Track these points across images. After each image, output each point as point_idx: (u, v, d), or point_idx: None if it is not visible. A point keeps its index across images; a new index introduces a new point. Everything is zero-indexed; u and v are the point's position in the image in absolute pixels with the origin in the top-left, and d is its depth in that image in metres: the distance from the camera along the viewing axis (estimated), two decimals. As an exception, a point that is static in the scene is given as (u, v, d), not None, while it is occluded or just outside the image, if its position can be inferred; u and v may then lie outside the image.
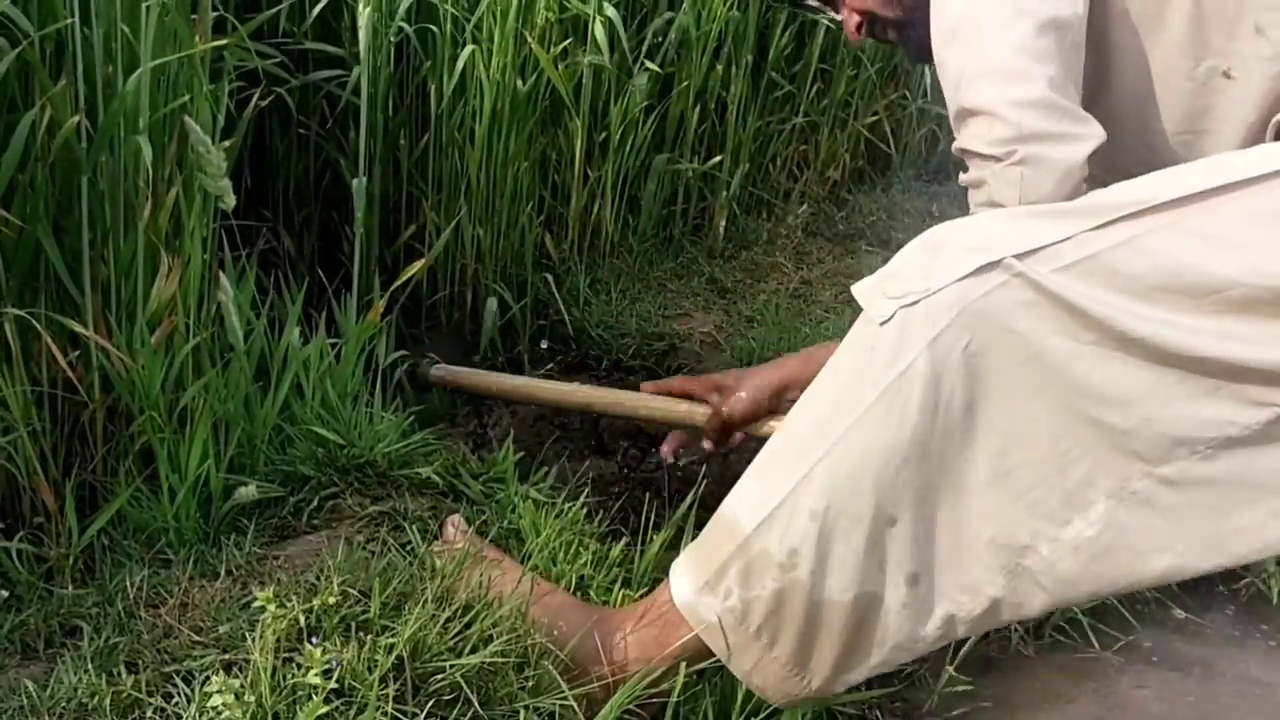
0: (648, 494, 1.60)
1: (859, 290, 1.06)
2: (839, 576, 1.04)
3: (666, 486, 1.66)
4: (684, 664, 1.13)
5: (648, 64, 2.24)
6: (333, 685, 0.96)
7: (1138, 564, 0.99)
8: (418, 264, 1.76)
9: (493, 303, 2.06)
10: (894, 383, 1.00)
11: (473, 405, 1.90)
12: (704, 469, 1.72)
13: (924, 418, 0.99)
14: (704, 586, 1.12)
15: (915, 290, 1.00)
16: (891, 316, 1.01)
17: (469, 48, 1.92)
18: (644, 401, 1.51)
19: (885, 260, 1.08)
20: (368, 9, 1.47)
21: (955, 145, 1.17)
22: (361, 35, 1.51)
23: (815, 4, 1.55)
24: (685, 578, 1.14)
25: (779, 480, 1.07)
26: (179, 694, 1.00)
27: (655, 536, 1.40)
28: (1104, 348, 0.94)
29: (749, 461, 1.14)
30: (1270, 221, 0.94)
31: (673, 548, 1.39)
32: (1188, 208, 0.96)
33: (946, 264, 1.00)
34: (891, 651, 1.08)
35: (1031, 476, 0.99)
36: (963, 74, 1.13)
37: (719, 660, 1.12)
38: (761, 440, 1.23)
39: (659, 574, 1.39)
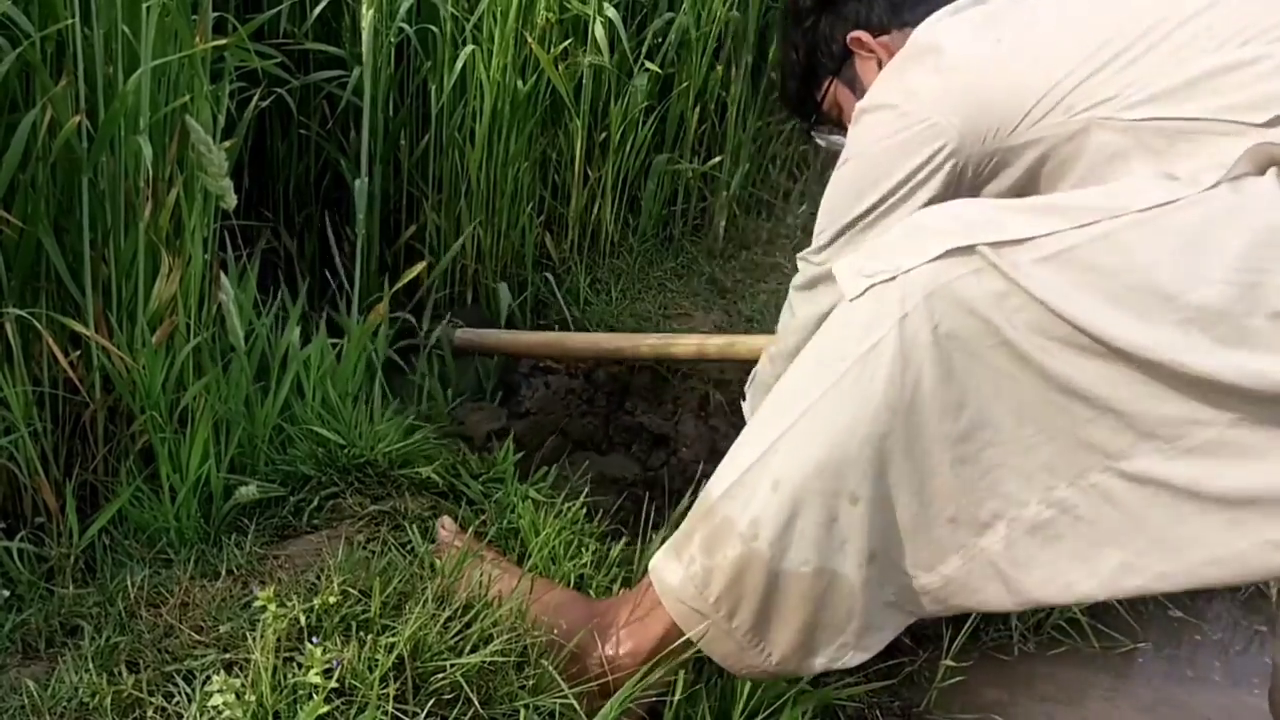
0: (648, 493, 1.61)
1: (838, 269, 1.07)
2: (799, 550, 1.04)
3: (667, 485, 1.66)
4: (675, 652, 1.13)
5: (648, 64, 2.24)
6: (333, 684, 0.96)
7: (1091, 555, 0.99)
8: (418, 266, 1.77)
9: (504, 288, 2.06)
10: (862, 358, 1.01)
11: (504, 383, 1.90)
12: (701, 468, 1.72)
13: (889, 395, 1.00)
14: (671, 552, 1.13)
15: (889, 268, 1.01)
16: (863, 293, 1.02)
17: (469, 48, 1.92)
18: (674, 341, 1.51)
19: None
20: (370, 10, 1.47)
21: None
22: (364, 36, 1.51)
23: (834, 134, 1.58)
24: (662, 550, 1.16)
25: (748, 450, 1.08)
26: (180, 693, 1.00)
27: (655, 536, 1.40)
28: (1072, 344, 0.95)
29: None
30: (1244, 222, 0.93)
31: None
32: (1167, 206, 0.96)
33: (922, 245, 1.01)
34: (859, 634, 1.08)
35: (994, 458, 1.00)
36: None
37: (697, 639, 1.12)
38: None
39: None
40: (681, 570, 1.11)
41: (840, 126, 1.53)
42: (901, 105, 1.23)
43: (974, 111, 1.19)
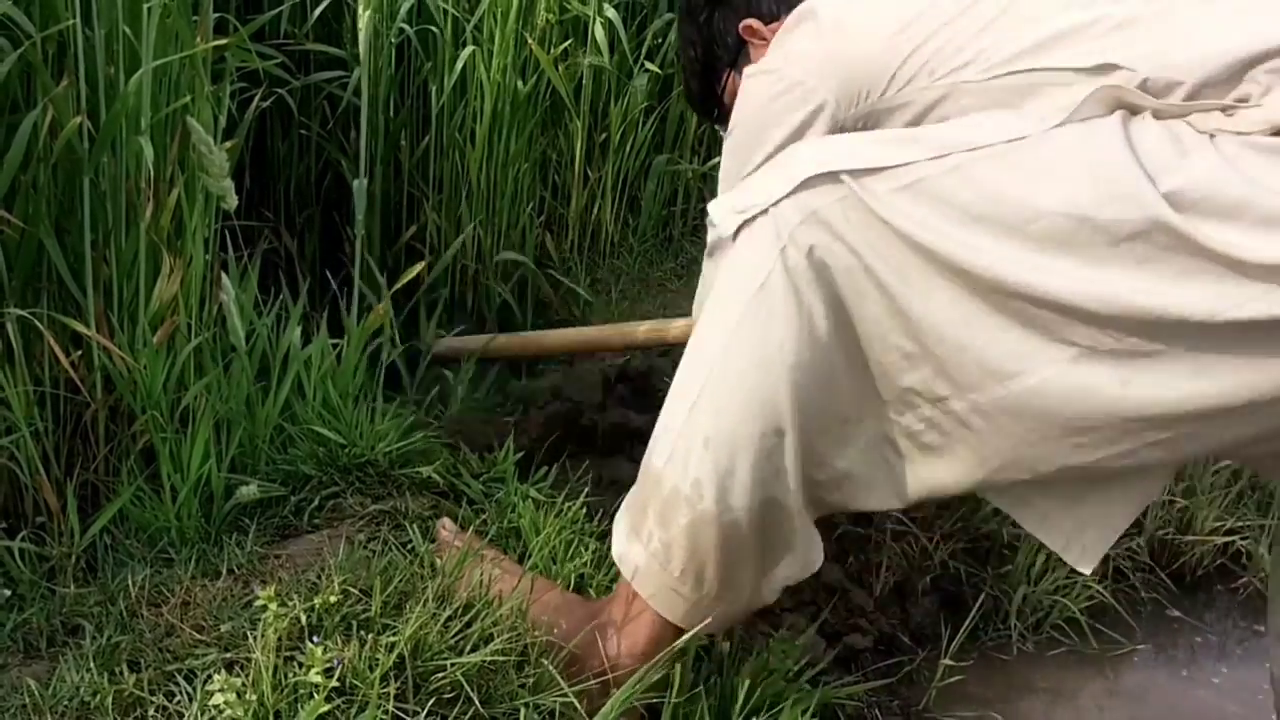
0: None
1: (713, 210, 1.10)
2: (740, 496, 1.06)
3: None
4: (672, 643, 1.14)
5: (648, 64, 2.24)
6: (334, 684, 0.96)
7: (958, 466, 1.05)
8: (418, 266, 1.77)
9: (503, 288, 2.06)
10: (754, 297, 1.03)
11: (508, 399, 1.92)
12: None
13: (788, 326, 1.02)
14: (631, 533, 1.15)
15: (760, 200, 1.04)
16: (740, 229, 1.05)
17: (469, 49, 1.92)
18: (639, 328, 1.60)
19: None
20: (367, 11, 1.47)
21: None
22: (361, 37, 1.51)
23: None
24: (619, 527, 1.18)
25: (675, 412, 1.10)
26: (181, 692, 1.00)
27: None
28: (925, 272, 0.98)
29: None
30: (1085, 156, 0.97)
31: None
32: (1016, 142, 1.00)
33: (789, 174, 1.04)
34: (805, 552, 1.12)
35: (875, 371, 1.05)
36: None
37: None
38: None
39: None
40: (643, 549, 1.13)
41: None
42: (779, 69, 1.29)
43: (845, 74, 1.24)
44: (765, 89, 1.29)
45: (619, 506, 1.21)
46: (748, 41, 1.48)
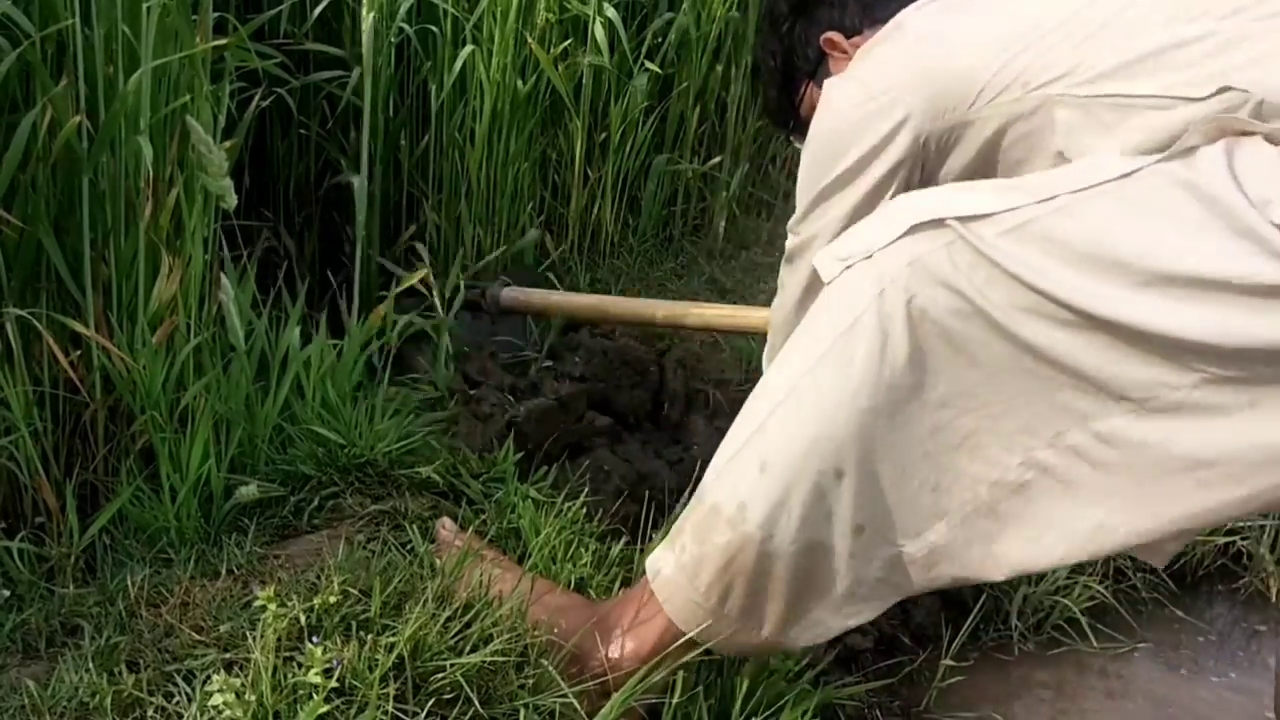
0: (647, 492, 1.60)
1: (818, 260, 1.10)
2: (787, 528, 1.05)
3: (666, 483, 1.66)
4: (677, 652, 1.14)
5: (648, 64, 2.24)
6: (333, 684, 0.96)
7: (1073, 513, 1.01)
8: (421, 271, 1.77)
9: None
10: (842, 336, 1.03)
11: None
12: (700, 465, 1.72)
13: (869, 370, 1.01)
14: (666, 545, 1.15)
15: (863, 248, 1.04)
16: (839, 274, 1.05)
17: (469, 48, 1.92)
18: (713, 311, 1.62)
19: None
20: (370, 13, 1.47)
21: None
22: (364, 37, 1.51)
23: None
24: (660, 545, 1.17)
25: (737, 434, 1.10)
26: (180, 693, 1.00)
27: (655, 535, 1.40)
28: (1040, 312, 0.97)
29: None
30: (1188, 192, 0.95)
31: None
32: (1121, 180, 0.99)
33: (893, 223, 1.04)
34: (840, 604, 1.09)
35: (972, 424, 1.02)
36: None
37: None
38: None
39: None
40: (673, 560, 1.12)
41: None
42: (864, 79, 1.27)
43: (932, 87, 1.22)
44: (849, 98, 1.27)
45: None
46: (828, 54, 1.46)
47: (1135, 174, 0.98)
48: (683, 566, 1.11)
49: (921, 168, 1.24)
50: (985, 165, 1.23)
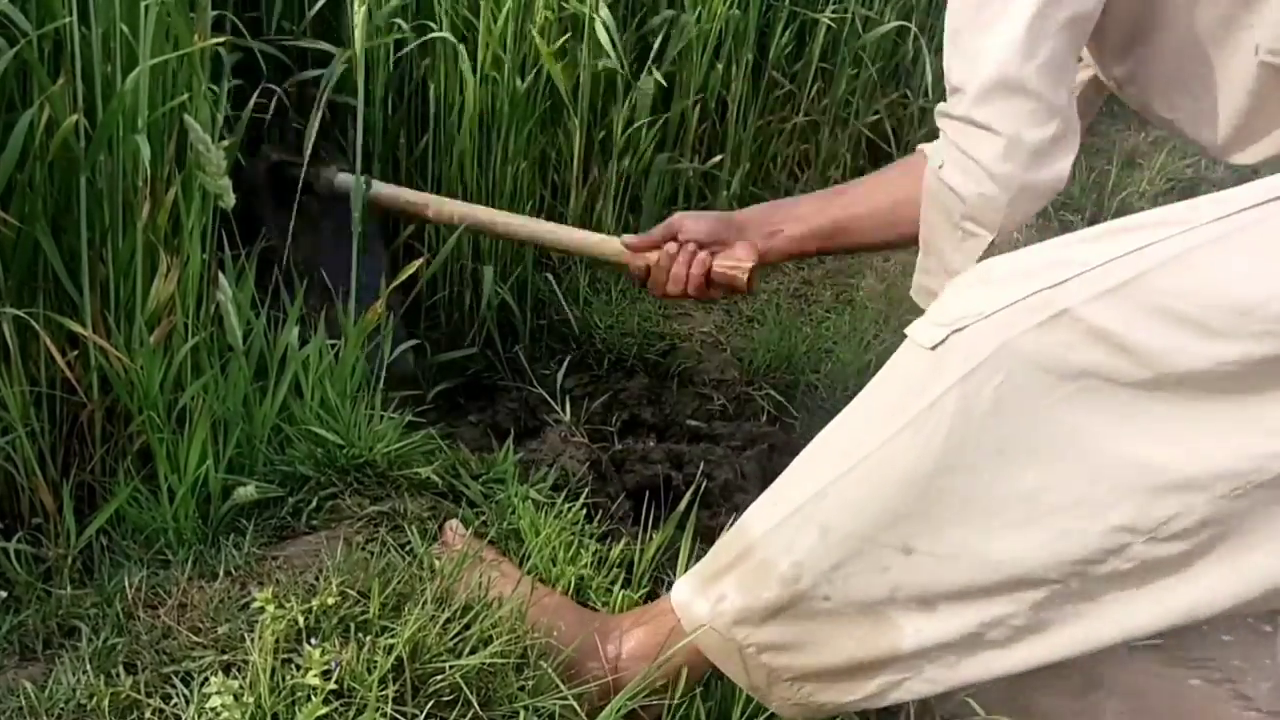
0: (647, 492, 1.60)
1: (911, 330, 1.04)
2: (844, 594, 1.02)
3: (664, 485, 1.65)
4: (685, 669, 1.13)
5: (654, 71, 2.23)
6: (332, 686, 0.96)
7: (1168, 596, 0.97)
8: (415, 263, 1.76)
9: (489, 271, 2.04)
10: (924, 412, 0.98)
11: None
12: (702, 467, 1.71)
13: (950, 450, 0.97)
14: (700, 586, 1.11)
15: (960, 315, 0.98)
16: (942, 341, 0.98)
17: (466, 46, 1.92)
18: (562, 232, 1.63)
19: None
20: (363, 7, 1.47)
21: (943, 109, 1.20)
22: (356, 34, 1.50)
23: None
24: (687, 579, 1.14)
25: (794, 492, 1.06)
26: (178, 695, 1.00)
27: (654, 535, 1.39)
28: (1145, 385, 0.91)
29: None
30: None
31: (672, 545, 1.39)
32: (1234, 220, 0.92)
33: (992, 292, 0.98)
34: (910, 682, 1.05)
35: (1067, 520, 0.96)
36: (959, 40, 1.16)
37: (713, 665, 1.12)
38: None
39: (657, 573, 1.39)
40: (709, 606, 1.09)
41: None
42: None
43: None
44: None
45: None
46: None
47: (1258, 208, 0.91)
48: (720, 614, 1.08)
49: None
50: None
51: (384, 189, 1.81)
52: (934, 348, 0.99)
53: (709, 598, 1.10)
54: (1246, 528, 0.92)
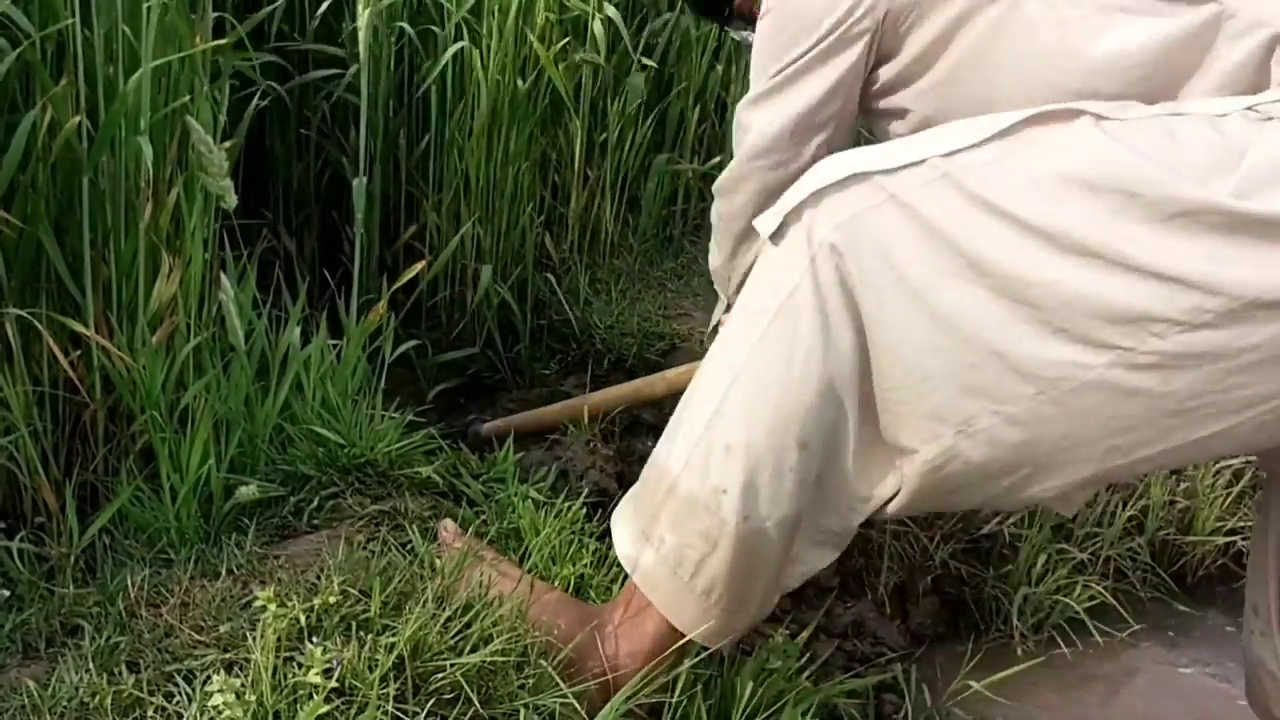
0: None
1: (756, 221, 1.09)
2: (760, 508, 1.05)
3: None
4: (671, 649, 1.14)
5: (644, 60, 2.23)
6: (333, 684, 0.96)
7: (977, 490, 1.03)
8: (418, 265, 1.77)
9: (486, 270, 2.04)
10: (781, 308, 1.03)
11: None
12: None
13: (812, 341, 1.02)
14: (640, 536, 1.14)
15: (796, 198, 1.03)
16: (777, 228, 1.04)
17: (465, 45, 1.92)
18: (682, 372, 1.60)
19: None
20: (367, 10, 1.47)
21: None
22: (361, 35, 1.51)
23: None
24: (624, 528, 1.16)
25: (695, 417, 1.09)
26: (180, 693, 1.00)
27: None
28: (961, 277, 0.96)
29: None
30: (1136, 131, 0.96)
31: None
32: (1048, 126, 0.98)
33: (822, 175, 1.03)
34: (808, 549, 1.11)
35: (900, 397, 1.02)
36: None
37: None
38: None
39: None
40: (653, 552, 1.12)
41: (753, 22, 1.46)
42: None
43: None
44: None
45: (616, 503, 1.20)
46: None
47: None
48: (664, 559, 1.11)
49: (876, 48, 1.22)
50: (938, 50, 1.20)
51: (495, 424, 1.85)
52: (773, 236, 1.04)
53: (652, 544, 1.12)
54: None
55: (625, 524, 1.17)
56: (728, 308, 1.52)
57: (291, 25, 1.93)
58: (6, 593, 1.17)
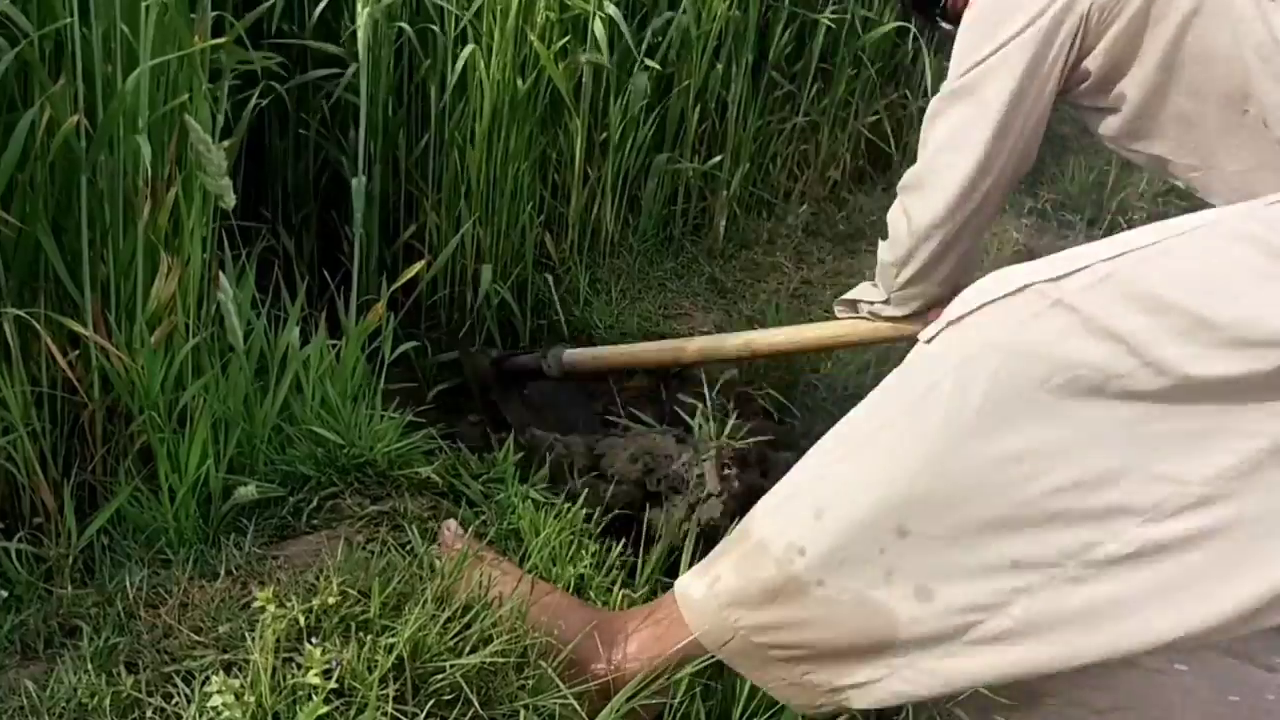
0: (647, 502, 1.60)
1: (922, 334, 1.07)
2: (838, 578, 1.02)
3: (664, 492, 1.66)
4: (688, 664, 1.13)
5: (648, 61, 2.23)
6: (332, 685, 0.96)
7: (1175, 594, 0.95)
8: (417, 265, 1.76)
9: (486, 270, 2.04)
10: (921, 396, 1.00)
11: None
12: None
13: (946, 435, 0.98)
14: (699, 571, 1.13)
15: (958, 311, 1.01)
16: (937, 334, 1.02)
17: (469, 46, 1.92)
18: (799, 332, 1.69)
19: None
20: (366, 8, 1.47)
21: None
22: (360, 34, 1.50)
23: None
24: (692, 569, 1.15)
25: (796, 478, 1.08)
26: (179, 694, 1.00)
27: (657, 539, 1.40)
28: (1136, 381, 0.92)
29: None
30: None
31: (672, 548, 1.39)
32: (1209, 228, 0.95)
33: (984, 290, 1.01)
34: (908, 670, 1.04)
35: (1060, 502, 0.96)
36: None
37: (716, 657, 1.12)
38: None
39: (659, 577, 1.39)
40: (704, 588, 1.10)
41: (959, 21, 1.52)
42: None
43: None
44: None
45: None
46: None
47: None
48: (716, 595, 1.08)
49: (1080, 43, 1.24)
50: (1134, 47, 1.23)
51: (579, 353, 1.90)
52: (929, 340, 1.03)
53: (706, 579, 1.11)
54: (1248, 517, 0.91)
55: (694, 566, 1.15)
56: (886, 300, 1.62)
57: (293, 23, 1.92)
58: (5, 593, 1.16)
